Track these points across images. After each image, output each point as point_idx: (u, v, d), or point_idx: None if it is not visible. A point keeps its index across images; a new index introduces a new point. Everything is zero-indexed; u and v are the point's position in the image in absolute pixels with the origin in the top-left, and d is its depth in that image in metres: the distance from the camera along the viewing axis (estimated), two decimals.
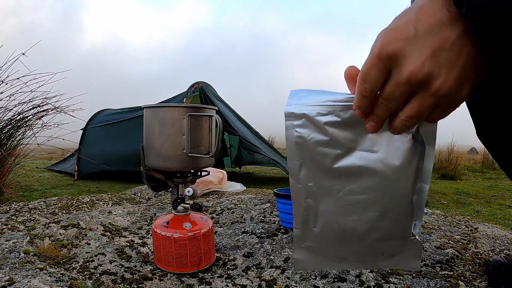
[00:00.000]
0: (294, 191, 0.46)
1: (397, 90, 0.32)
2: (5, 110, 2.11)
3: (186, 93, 3.93)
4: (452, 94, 0.31)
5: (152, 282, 0.74)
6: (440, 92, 0.30)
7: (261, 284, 0.74)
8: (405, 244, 0.46)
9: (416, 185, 0.42)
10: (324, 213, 0.45)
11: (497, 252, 0.93)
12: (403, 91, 0.32)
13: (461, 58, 0.29)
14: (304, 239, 0.48)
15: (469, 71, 0.30)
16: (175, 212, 0.81)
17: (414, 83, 0.31)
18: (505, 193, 3.46)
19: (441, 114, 0.33)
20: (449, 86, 0.30)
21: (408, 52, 0.30)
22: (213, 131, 0.79)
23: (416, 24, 0.30)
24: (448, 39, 0.29)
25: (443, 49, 0.29)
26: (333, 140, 0.42)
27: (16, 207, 1.31)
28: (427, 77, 0.30)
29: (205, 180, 1.63)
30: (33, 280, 0.69)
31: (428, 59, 0.30)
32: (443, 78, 0.30)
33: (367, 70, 0.33)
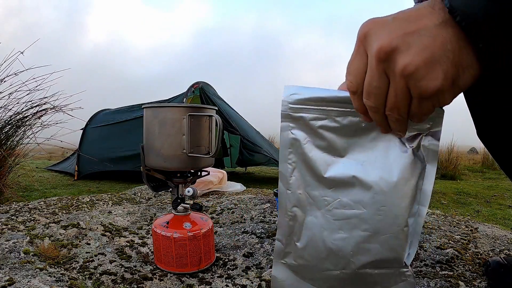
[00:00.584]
0: (281, 197, 0.43)
1: (372, 71, 0.32)
2: (4, 109, 2.11)
3: (186, 93, 3.93)
4: (419, 77, 0.30)
5: (152, 282, 0.74)
6: (406, 70, 0.30)
7: (261, 284, 0.74)
8: (398, 277, 0.40)
9: (413, 206, 0.39)
10: (310, 227, 0.42)
11: (497, 252, 0.93)
12: (376, 71, 0.32)
13: (434, 44, 0.29)
14: (285, 254, 0.44)
15: (443, 59, 0.29)
16: (175, 212, 0.81)
17: (383, 58, 0.31)
18: (505, 193, 3.46)
19: (419, 108, 0.32)
20: (415, 65, 0.30)
21: (381, 32, 0.31)
22: (213, 131, 0.79)
23: (396, 15, 0.32)
24: (424, 26, 0.30)
25: (416, 33, 0.30)
26: (329, 146, 0.40)
27: (16, 207, 1.31)
28: (393, 51, 0.30)
29: (205, 180, 1.63)
30: (33, 280, 0.69)
31: (398, 37, 0.30)
32: (410, 56, 0.30)
33: (351, 59, 0.34)
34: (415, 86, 0.31)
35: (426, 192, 0.38)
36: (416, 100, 0.32)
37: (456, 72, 0.30)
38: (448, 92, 0.31)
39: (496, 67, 0.31)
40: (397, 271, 0.40)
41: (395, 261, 0.39)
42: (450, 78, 0.30)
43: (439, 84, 0.30)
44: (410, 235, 0.39)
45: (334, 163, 0.40)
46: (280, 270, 0.45)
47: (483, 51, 0.29)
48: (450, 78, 0.30)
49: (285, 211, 0.43)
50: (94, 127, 4.35)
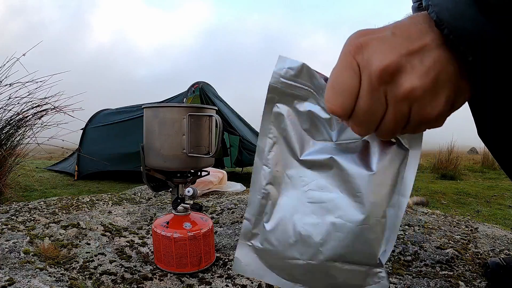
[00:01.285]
0: (256, 173, 0.40)
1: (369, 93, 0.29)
2: (4, 110, 2.11)
3: (186, 93, 3.93)
4: (425, 102, 0.28)
5: (152, 282, 0.74)
6: (412, 94, 0.28)
7: (261, 284, 0.74)
8: (370, 277, 0.37)
9: (392, 195, 0.35)
10: (282, 208, 0.39)
11: (497, 252, 0.93)
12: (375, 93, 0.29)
13: (437, 66, 0.28)
14: (252, 236, 0.42)
15: (445, 83, 0.28)
16: (175, 212, 0.81)
17: (386, 79, 0.28)
18: (505, 193, 3.46)
19: (413, 130, 0.31)
20: (423, 89, 0.28)
21: (381, 48, 0.28)
22: (213, 131, 0.79)
23: (394, 29, 0.29)
24: (427, 46, 0.28)
25: (420, 53, 0.28)
26: (312, 128, 0.38)
27: (16, 207, 1.31)
28: (398, 72, 0.28)
29: (205, 180, 1.63)
30: (33, 280, 0.69)
31: (402, 56, 0.28)
32: (416, 78, 0.28)
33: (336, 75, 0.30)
34: (419, 112, 0.29)
35: (407, 180, 0.35)
36: (414, 124, 0.30)
37: (454, 96, 0.29)
38: (445, 117, 0.30)
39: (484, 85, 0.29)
40: (370, 270, 0.37)
41: (368, 256, 0.36)
42: (450, 103, 0.29)
43: (442, 110, 0.28)
44: (388, 228, 0.35)
45: (314, 144, 0.38)
46: (244, 253, 0.42)
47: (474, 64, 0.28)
48: (450, 103, 0.29)
49: (258, 188, 0.40)
50: (94, 127, 4.35)
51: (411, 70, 0.28)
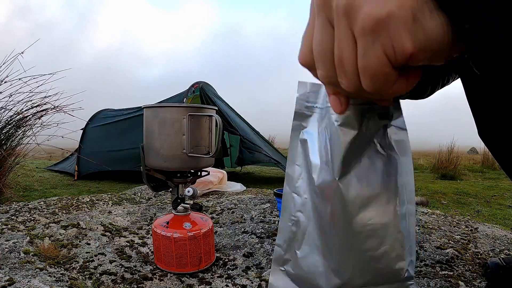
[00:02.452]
0: (286, 200, 0.40)
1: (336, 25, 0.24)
2: (4, 109, 2.11)
3: (186, 93, 3.93)
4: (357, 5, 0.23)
5: (152, 282, 0.74)
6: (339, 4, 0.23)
7: (261, 284, 0.74)
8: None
9: (400, 207, 0.34)
10: (312, 236, 0.39)
11: (497, 252, 0.93)
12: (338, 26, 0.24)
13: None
14: (284, 261, 0.42)
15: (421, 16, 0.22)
16: (175, 212, 0.81)
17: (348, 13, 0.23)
18: (505, 193, 3.47)
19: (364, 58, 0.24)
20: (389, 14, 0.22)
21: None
22: (213, 131, 0.79)
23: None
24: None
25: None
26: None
27: (16, 207, 1.31)
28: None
29: (205, 180, 1.63)
30: (33, 280, 0.69)
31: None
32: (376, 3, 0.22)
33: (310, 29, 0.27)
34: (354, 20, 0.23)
35: (408, 186, 0.34)
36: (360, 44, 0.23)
37: (416, 4, 0.22)
38: (405, 30, 0.22)
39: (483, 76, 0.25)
40: (400, 285, 0.37)
41: (396, 273, 0.36)
42: (408, 8, 0.22)
43: (387, 10, 0.22)
44: (406, 239, 0.35)
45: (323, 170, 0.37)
46: (278, 277, 0.42)
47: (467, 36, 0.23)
48: (408, 8, 0.22)
49: (288, 215, 0.40)
50: (95, 126, 4.35)
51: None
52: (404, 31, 0.22)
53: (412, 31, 0.22)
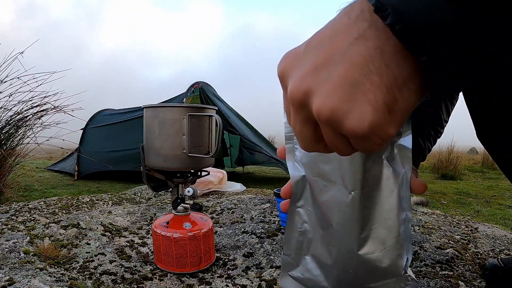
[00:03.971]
0: (291, 216, 0.43)
1: (295, 119, 0.27)
2: (4, 109, 2.11)
3: (186, 93, 3.93)
4: (339, 119, 0.23)
5: (152, 282, 0.74)
6: (321, 116, 0.24)
7: (261, 284, 0.74)
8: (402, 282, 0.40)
9: (400, 214, 0.38)
10: (318, 244, 0.42)
11: (497, 252, 0.93)
12: (298, 119, 0.26)
13: (350, 71, 0.22)
14: (293, 267, 0.44)
15: (365, 87, 0.22)
16: (175, 212, 0.81)
17: (296, 104, 0.25)
18: (505, 193, 3.47)
19: (361, 146, 0.25)
20: (329, 107, 0.23)
21: (293, 70, 0.25)
22: (213, 131, 0.79)
23: (311, 39, 0.25)
24: (338, 49, 0.23)
25: (328, 62, 0.23)
26: (322, 173, 0.40)
27: (16, 207, 1.31)
28: (305, 96, 0.24)
29: (205, 180, 1.63)
30: (33, 280, 0.69)
31: (308, 74, 0.24)
32: (322, 96, 0.23)
33: (294, 125, 0.28)
34: (341, 130, 0.24)
35: (407, 197, 0.37)
36: (353, 141, 0.25)
37: (390, 96, 0.22)
38: (386, 124, 0.23)
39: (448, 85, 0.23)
40: (400, 278, 0.40)
41: (396, 270, 0.39)
42: (383, 107, 0.23)
43: (369, 121, 0.23)
44: (404, 240, 0.39)
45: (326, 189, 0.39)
46: (287, 282, 0.45)
47: (428, 65, 0.21)
48: (383, 107, 0.23)
49: (295, 228, 0.43)
50: (94, 127, 4.35)
51: (319, 87, 0.23)
52: (386, 129, 0.24)
53: (393, 121, 0.24)
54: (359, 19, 0.23)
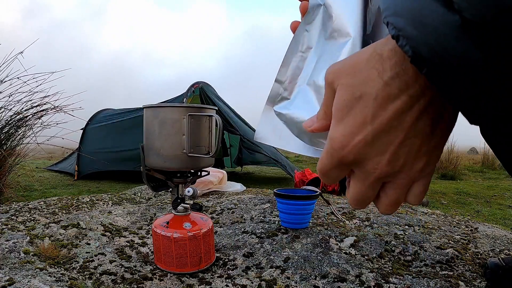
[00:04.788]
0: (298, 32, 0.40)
1: (369, 188, 0.29)
2: (4, 109, 2.11)
3: (186, 93, 3.94)
4: (427, 169, 0.28)
5: (152, 282, 0.74)
6: (414, 174, 0.27)
7: (261, 284, 0.74)
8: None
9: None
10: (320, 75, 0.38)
11: (497, 252, 0.93)
12: (375, 187, 0.29)
13: (426, 136, 0.26)
14: (280, 100, 0.41)
15: (433, 143, 0.27)
16: (175, 212, 0.81)
17: (386, 177, 0.28)
18: (505, 193, 3.47)
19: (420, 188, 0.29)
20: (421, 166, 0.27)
21: (371, 155, 0.27)
22: (213, 131, 0.79)
23: (373, 123, 0.26)
24: (412, 126, 0.25)
25: (407, 140, 0.26)
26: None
27: (16, 207, 1.31)
28: (397, 169, 0.27)
29: (205, 180, 1.63)
30: (33, 280, 0.69)
31: (393, 155, 0.26)
32: (415, 162, 0.27)
33: (328, 171, 0.30)
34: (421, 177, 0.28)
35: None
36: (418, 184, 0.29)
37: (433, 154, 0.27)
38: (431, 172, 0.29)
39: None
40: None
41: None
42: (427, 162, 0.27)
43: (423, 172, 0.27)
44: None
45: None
46: (267, 121, 0.41)
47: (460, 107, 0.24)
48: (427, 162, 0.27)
49: (297, 50, 0.40)
50: (95, 126, 4.35)
51: (378, 155, 0.26)
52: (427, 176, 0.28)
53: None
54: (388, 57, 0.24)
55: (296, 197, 1.00)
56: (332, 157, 0.28)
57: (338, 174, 0.29)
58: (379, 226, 1.07)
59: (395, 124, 0.25)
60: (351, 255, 0.87)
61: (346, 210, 1.25)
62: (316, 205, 1.30)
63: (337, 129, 0.27)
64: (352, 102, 0.26)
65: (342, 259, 0.84)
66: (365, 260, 0.84)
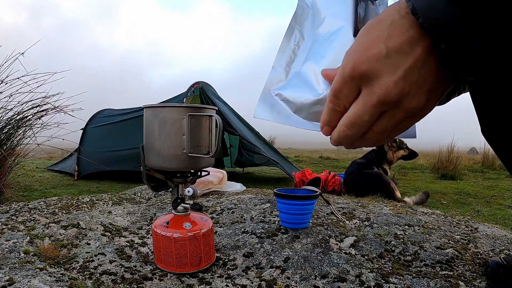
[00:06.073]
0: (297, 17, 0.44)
1: (368, 110, 0.32)
2: (5, 110, 2.11)
3: (186, 93, 3.93)
4: (420, 109, 0.31)
5: (152, 282, 0.74)
6: (411, 109, 0.31)
7: (261, 284, 0.74)
8: None
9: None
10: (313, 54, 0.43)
11: (497, 252, 0.93)
12: (374, 112, 0.32)
13: (430, 75, 0.30)
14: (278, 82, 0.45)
15: (436, 85, 0.30)
16: (175, 212, 0.81)
17: (387, 103, 0.31)
18: (505, 193, 3.47)
19: (408, 125, 0.33)
20: (419, 102, 0.30)
21: (381, 72, 0.30)
22: (213, 131, 0.79)
23: (387, 42, 0.30)
24: (420, 57, 0.29)
25: (415, 68, 0.29)
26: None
27: (16, 207, 1.31)
28: (399, 97, 0.30)
29: (205, 180, 1.63)
30: (33, 280, 0.69)
31: (400, 79, 0.29)
32: (416, 96, 0.30)
33: (340, 88, 0.33)
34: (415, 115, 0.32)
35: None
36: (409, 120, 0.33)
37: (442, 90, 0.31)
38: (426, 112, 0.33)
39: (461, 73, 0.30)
40: None
41: None
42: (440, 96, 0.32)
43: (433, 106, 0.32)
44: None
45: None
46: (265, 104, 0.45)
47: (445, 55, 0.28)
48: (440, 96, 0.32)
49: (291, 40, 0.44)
50: (95, 126, 4.35)
51: (386, 74, 0.29)
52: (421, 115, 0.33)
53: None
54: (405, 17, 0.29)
55: (296, 197, 1.00)
56: (345, 70, 0.31)
57: (348, 92, 0.32)
58: (379, 226, 1.07)
59: (407, 50, 0.29)
60: (351, 255, 0.87)
61: (346, 210, 1.25)
62: (316, 205, 1.30)
63: (355, 44, 0.31)
64: (372, 25, 0.31)
65: (342, 259, 0.84)
66: (365, 260, 0.84)
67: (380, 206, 1.37)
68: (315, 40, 0.43)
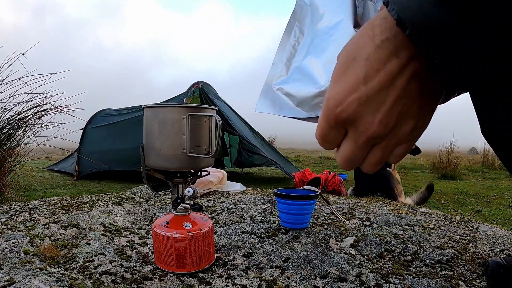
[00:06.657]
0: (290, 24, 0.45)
1: (359, 149, 0.31)
2: (4, 110, 2.11)
3: (186, 93, 3.93)
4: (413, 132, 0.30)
5: (152, 282, 0.74)
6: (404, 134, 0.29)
7: (261, 284, 0.74)
8: None
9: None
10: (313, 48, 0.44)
11: (497, 252, 0.93)
12: (365, 148, 0.31)
13: (416, 98, 0.28)
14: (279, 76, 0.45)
15: (424, 104, 0.29)
16: (175, 212, 0.81)
17: (376, 138, 0.30)
18: (505, 193, 3.47)
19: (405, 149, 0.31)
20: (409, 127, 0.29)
21: (364, 114, 0.29)
22: (213, 131, 0.79)
23: (366, 83, 0.28)
24: (402, 87, 0.27)
25: (398, 100, 0.28)
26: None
27: (16, 207, 1.31)
28: (387, 131, 0.29)
29: (205, 180, 1.63)
30: (33, 280, 0.69)
31: (385, 116, 0.28)
32: (405, 123, 0.29)
33: (326, 133, 0.32)
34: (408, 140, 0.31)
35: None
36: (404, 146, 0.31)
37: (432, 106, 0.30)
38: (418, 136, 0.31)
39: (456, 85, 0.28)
40: None
41: None
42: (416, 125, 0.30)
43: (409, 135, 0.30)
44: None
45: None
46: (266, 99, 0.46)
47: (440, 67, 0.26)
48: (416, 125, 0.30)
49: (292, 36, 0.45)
50: (95, 127, 4.35)
51: (370, 114, 0.28)
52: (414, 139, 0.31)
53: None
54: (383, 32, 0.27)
55: (296, 197, 1.00)
56: (328, 117, 0.30)
57: (335, 135, 0.31)
58: (379, 226, 1.07)
59: (387, 85, 0.27)
60: (351, 255, 0.87)
61: (346, 210, 1.25)
62: (316, 205, 1.30)
63: (333, 89, 0.29)
64: (347, 63, 0.28)
65: (342, 259, 0.84)
66: (365, 260, 0.84)
67: (380, 206, 1.37)
68: (315, 35, 0.43)
